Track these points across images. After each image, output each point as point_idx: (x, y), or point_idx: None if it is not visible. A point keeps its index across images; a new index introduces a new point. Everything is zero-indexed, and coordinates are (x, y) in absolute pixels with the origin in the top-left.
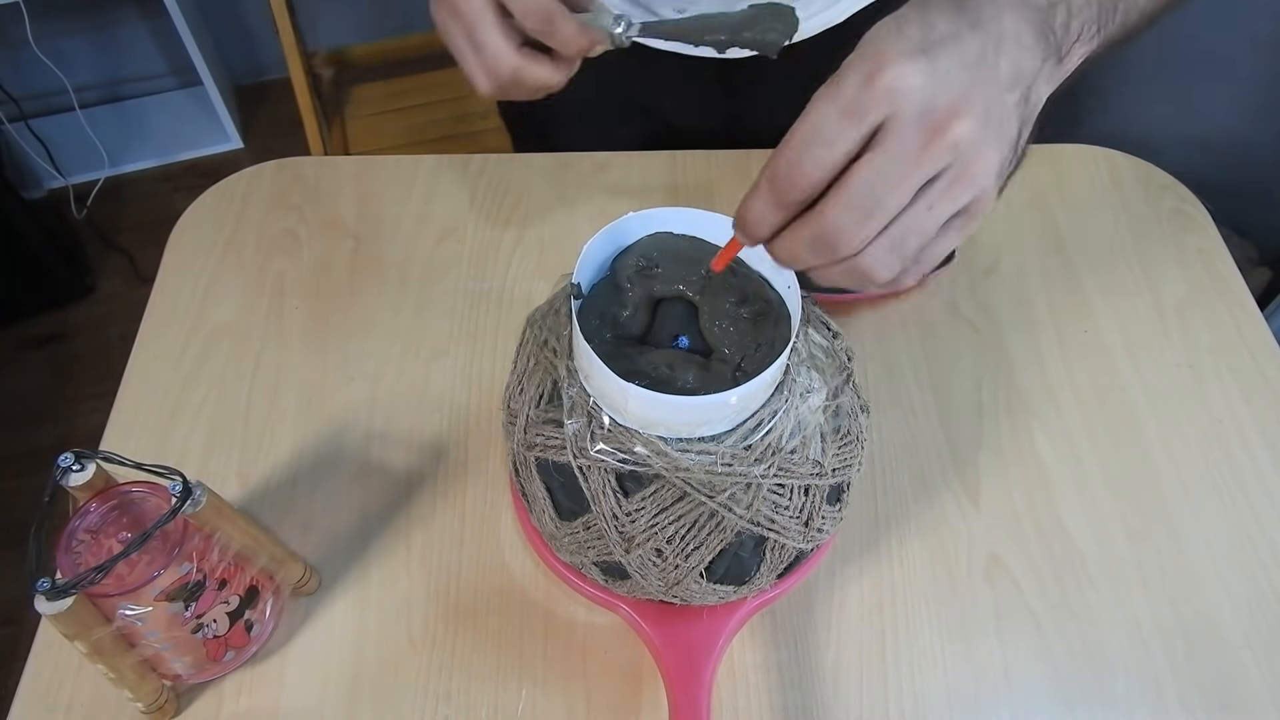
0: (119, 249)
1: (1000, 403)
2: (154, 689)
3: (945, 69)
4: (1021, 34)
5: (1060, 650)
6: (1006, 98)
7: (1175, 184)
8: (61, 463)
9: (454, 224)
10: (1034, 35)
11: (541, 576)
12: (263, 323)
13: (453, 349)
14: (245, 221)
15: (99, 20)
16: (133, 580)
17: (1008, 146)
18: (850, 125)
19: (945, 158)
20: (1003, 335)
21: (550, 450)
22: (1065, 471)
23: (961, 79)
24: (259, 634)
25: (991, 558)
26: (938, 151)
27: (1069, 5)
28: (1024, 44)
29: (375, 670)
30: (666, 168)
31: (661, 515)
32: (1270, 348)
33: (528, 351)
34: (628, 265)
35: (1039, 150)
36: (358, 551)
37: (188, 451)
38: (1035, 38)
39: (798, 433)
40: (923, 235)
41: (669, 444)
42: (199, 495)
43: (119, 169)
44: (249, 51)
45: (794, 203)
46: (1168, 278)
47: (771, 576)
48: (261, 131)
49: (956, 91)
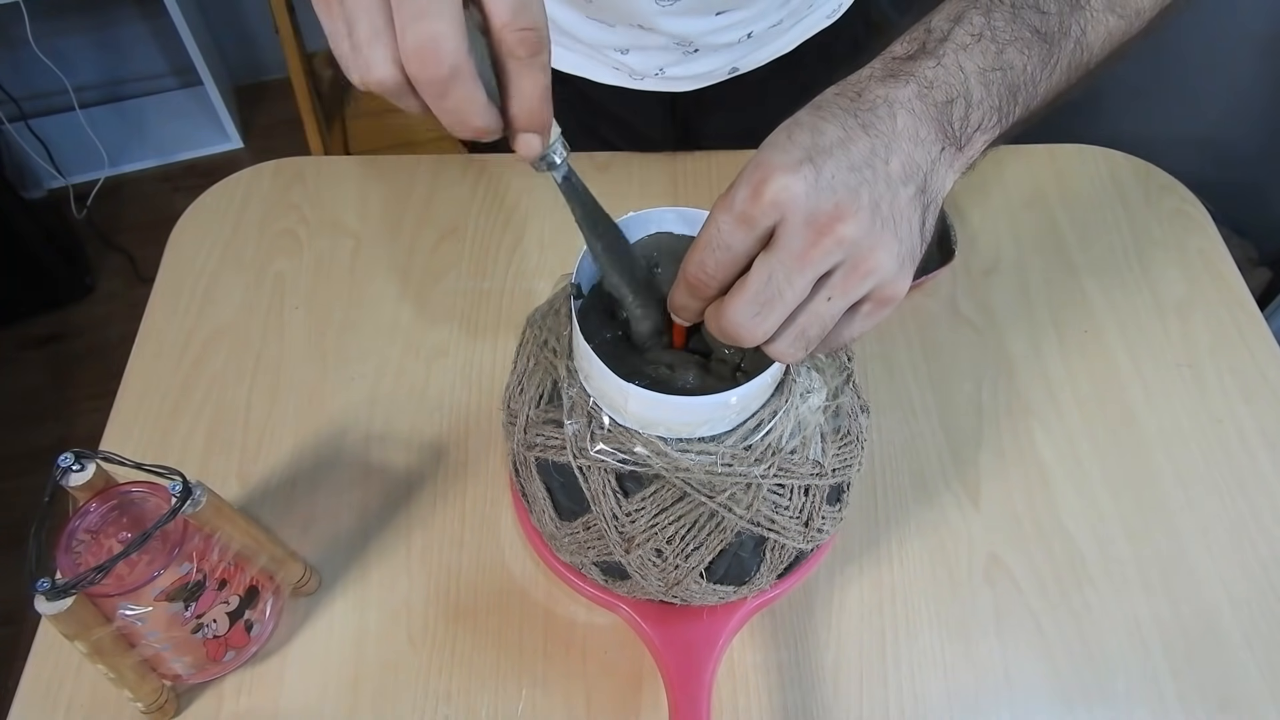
0: (119, 249)
1: (1000, 403)
2: (154, 689)
3: (830, 174)
4: (918, 130)
5: (1060, 650)
6: (901, 191)
7: (1175, 184)
8: (61, 463)
9: (454, 224)
10: (930, 129)
11: (541, 576)
12: (263, 323)
13: (453, 349)
14: (245, 221)
15: (99, 20)
16: (133, 580)
17: (908, 236)
18: (744, 232)
19: (835, 255)
20: (1003, 335)
21: (550, 450)
22: (1065, 471)
23: (847, 181)
24: (259, 634)
25: (991, 558)
26: (825, 250)
27: (967, 100)
28: (920, 138)
29: (375, 670)
30: (666, 168)
31: (661, 515)
32: (1270, 348)
33: (528, 351)
34: None
35: (1039, 150)
36: (358, 551)
37: (188, 451)
38: (931, 131)
39: (798, 433)
40: (823, 324)
41: (669, 444)
42: (199, 495)
43: (119, 169)
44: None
45: (708, 297)
46: (1168, 278)
47: (771, 576)
48: (261, 131)
49: (841, 194)
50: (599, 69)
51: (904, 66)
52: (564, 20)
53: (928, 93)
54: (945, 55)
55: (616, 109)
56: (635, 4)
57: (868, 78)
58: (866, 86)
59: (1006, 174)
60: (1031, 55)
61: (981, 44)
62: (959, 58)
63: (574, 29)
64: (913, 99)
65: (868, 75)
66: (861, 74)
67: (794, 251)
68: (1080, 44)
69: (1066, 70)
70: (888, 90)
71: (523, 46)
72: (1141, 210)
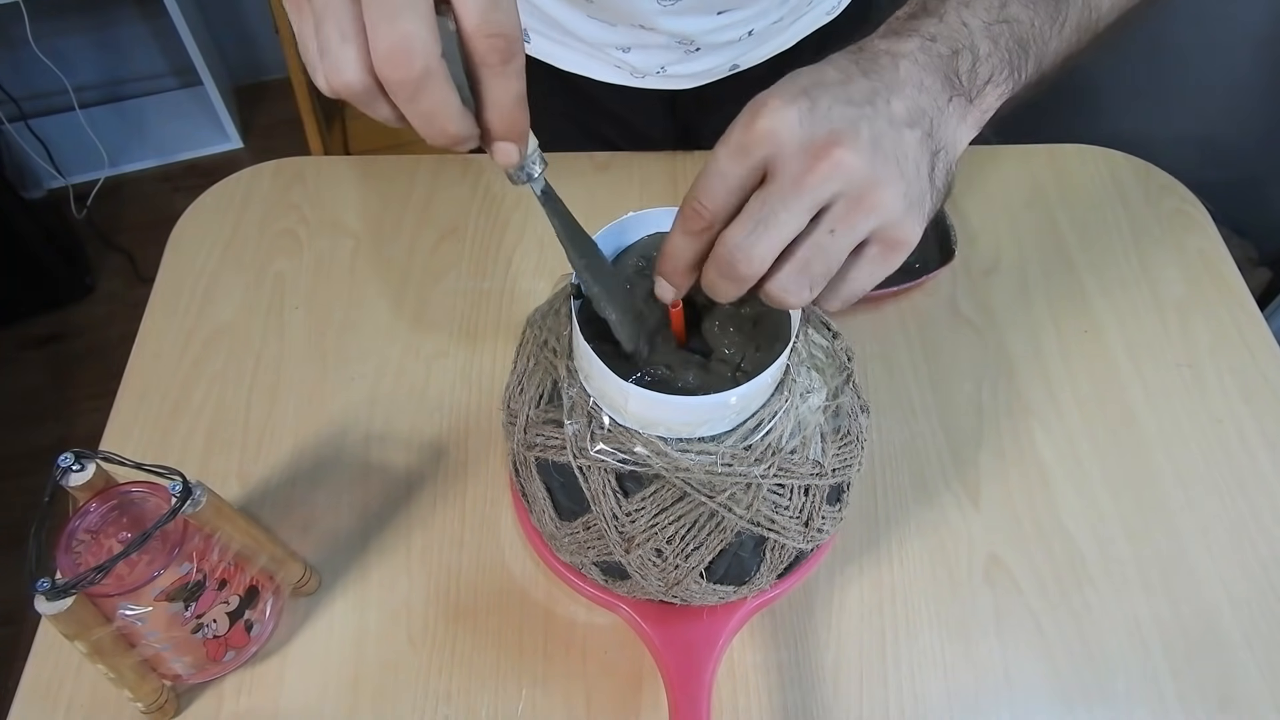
0: (119, 249)
1: (1000, 403)
2: (154, 689)
3: (826, 106)
4: (921, 78)
5: (1060, 650)
6: (906, 133)
7: (1175, 184)
8: (61, 463)
9: (454, 224)
10: (935, 79)
11: (541, 576)
12: (263, 323)
13: (453, 349)
14: (245, 221)
15: (99, 20)
16: (133, 580)
17: (916, 178)
18: (737, 162)
19: (832, 183)
20: (1003, 335)
21: (550, 450)
22: (1065, 471)
23: (845, 114)
24: (259, 634)
25: (991, 558)
26: (821, 175)
27: (974, 52)
28: (924, 86)
29: (375, 670)
30: (666, 168)
31: (661, 515)
32: (1270, 348)
33: (528, 351)
34: (627, 265)
35: (1039, 150)
36: (358, 551)
37: (188, 451)
38: (936, 81)
39: (798, 433)
40: (827, 261)
41: (669, 444)
42: (199, 495)
43: (119, 169)
44: (249, 51)
45: (698, 231)
46: (1168, 278)
47: (771, 576)
48: (261, 131)
49: (838, 124)
50: (600, 67)
51: (906, 25)
52: (565, 19)
53: (931, 45)
54: (947, 13)
55: (617, 107)
56: (636, 4)
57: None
58: (869, 43)
59: (1006, 174)
60: (1038, 11)
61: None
62: (961, 14)
63: (575, 28)
64: (915, 51)
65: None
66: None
67: (790, 175)
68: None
69: (1076, 29)
70: (889, 44)
71: (494, 53)
72: (1141, 210)
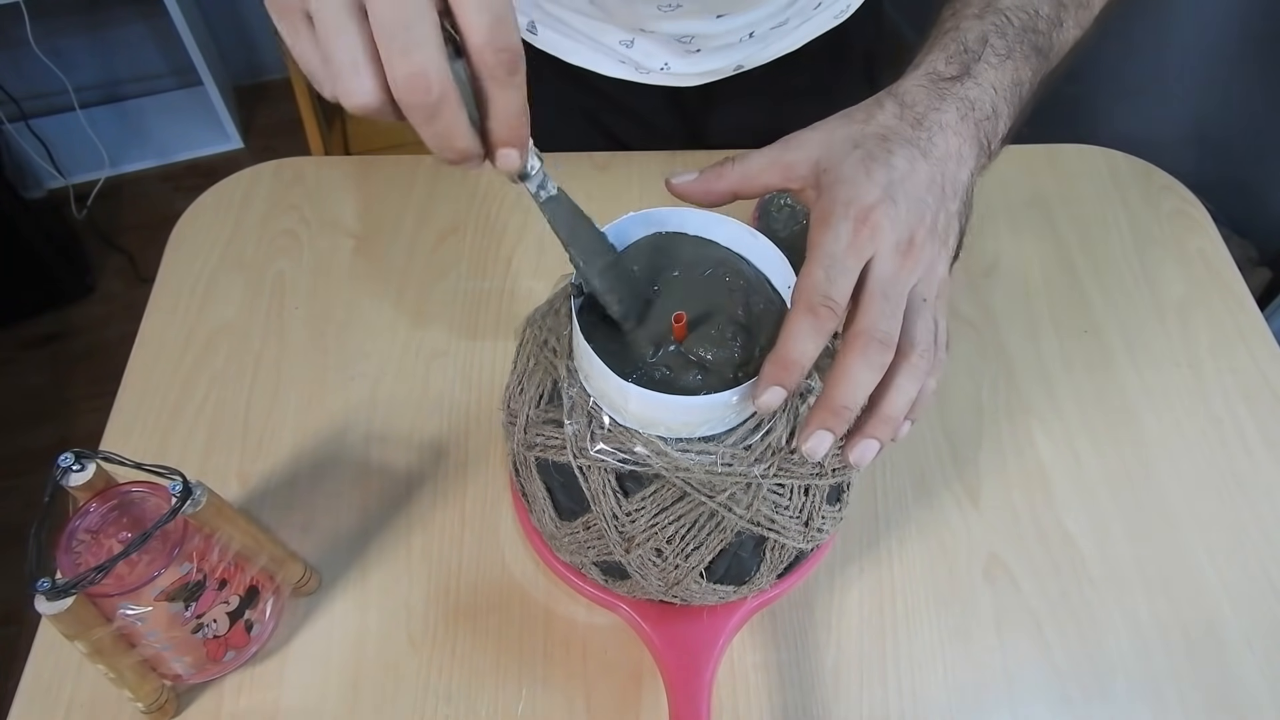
0: (119, 249)
1: (1000, 403)
2: (154, 689)
3: (904, 208)
4: (962, 150)
5: (1060, 650)
6: (950, 207)
7: (1175, 184)
8: (61, 463)
9: (454, 224)
10: (972, 148)
11: (541, 576)
12: (263, 323)
13: (453, 349)
14: (245, 221)
15: (99, 20)
16: (133, 580)
17: (954, 242)
18: (854, 261)
19: (916, 272)
20: (1003, 335)
21: (550, 450)
22: (1065, 471)
23: (918, 210)
24: (259, 634)
25: (991, 558)
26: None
27: (996, 114)
28: (963, 158)
29: (375, 670)
30: (667, 168)
31: (661, 515)
32: (1270, 348)
33: (528, 351)
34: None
35: (1039, 150)
36: (358, 551)
37: (188, 451)
38: (971, 149)
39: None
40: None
41: (669, 444)
42: (199, 495)
43: (119, 169)
44: (249, 51)
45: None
46: (1168, 278)
47: (771, 576)
48: (261, 131)
49: (914, 220)
50: (606, 62)
51: (950, 88)
52: (569, 18)
53: (970, 114)
54: (981, 75)
55: (625, 101)
56: (636, 8)
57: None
58: (924, 111)
59: (1006, 174)
60: (1033, 69)
61: (1006, 64)
62: (990, 77)
63: (579, 26)
64: (957, 122)
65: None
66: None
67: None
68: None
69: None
70: (936, 112)
71: (501, 67)
72: (1141, 210)
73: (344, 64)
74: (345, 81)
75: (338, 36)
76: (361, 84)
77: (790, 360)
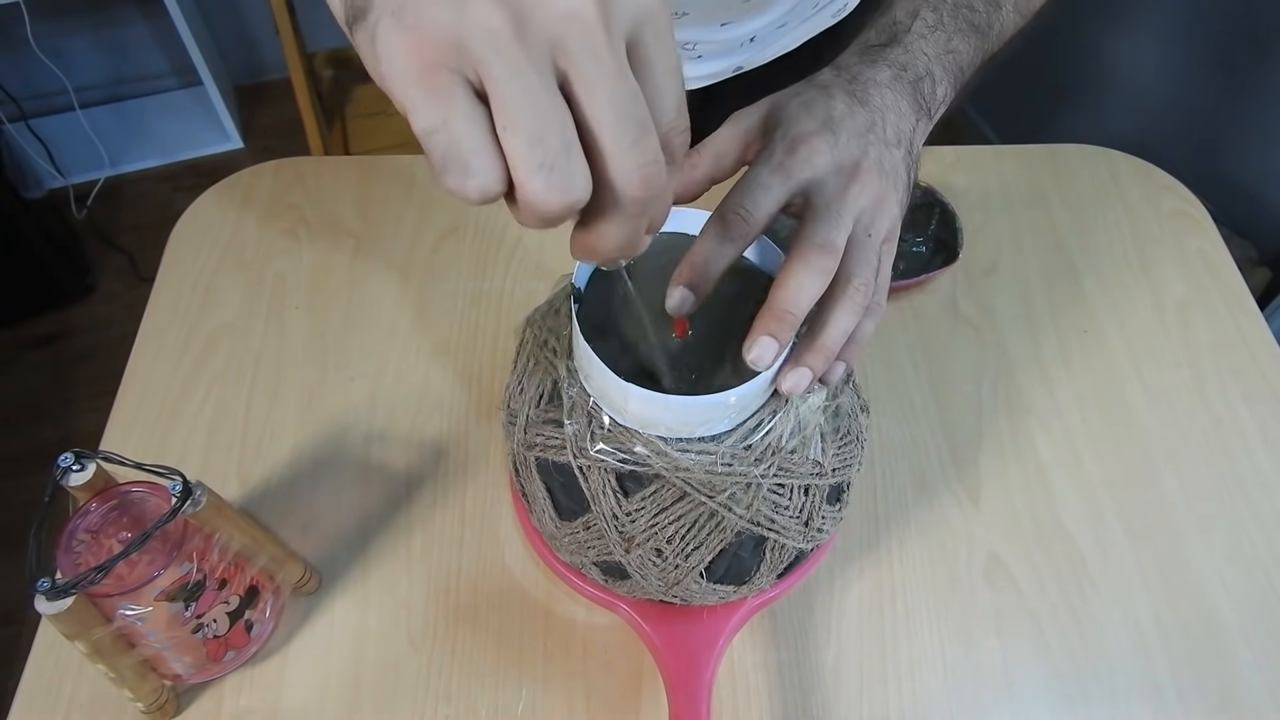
0: (119, 249)
1: (1000, 403)
2: (154, 689)
3: (845, 138)
4: (900, 105)
5: (1060, 650)
6: (894, 153)
7: (1175, 184)
8: (61, 463)
9: (454, 224)
10: (909, 104)
11: (541, 576)
12: (263, 323)
13: (453, 349)
14: (245, 221)
15: (99, 20)
16: (133, 580)
17: (903, 188)
18: (780, 179)
19: (863, 197)
20: (1003, 335)
21: (550, 450)
22: (1065, 471)
23: (859, 143)
24: (259, 634)
25: (991, 558)
26: (855, 192)
27: (932, 76)
28: (902, 111)
29: (375, 670)
30: None
31: (661, 515)
32: (1270, 348)
33: (528, 351)
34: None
35: (1039, 150)
36: (358, 551)
37: (188, 451)
38: (911, 106)
39: (798, 433)
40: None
41: (669, 444)
42: (199, 495)
43: (119, 169)
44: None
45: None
46: (1168, 278)
47: (771, 576)
48: (261, 131)
49: (855, 152)
50: None
51: (880, 53)
52: None
53: (902, 74)
54: (911, 44)
55: None
56: None
57: (856, 63)
58: (852, 68)
59: (1006, 174)
60: (970, 43)
61: (935, 34)
62: (920, 45)
63: None
64: (890, 80)
65: (855, 60)
66: (849, 59)
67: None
68: (998, 37)
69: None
70: (870, 72)
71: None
72: (1141, 210)
73: (554, 148)
74: (560, 172)
75: (545, 116)
76: (575, 180)
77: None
